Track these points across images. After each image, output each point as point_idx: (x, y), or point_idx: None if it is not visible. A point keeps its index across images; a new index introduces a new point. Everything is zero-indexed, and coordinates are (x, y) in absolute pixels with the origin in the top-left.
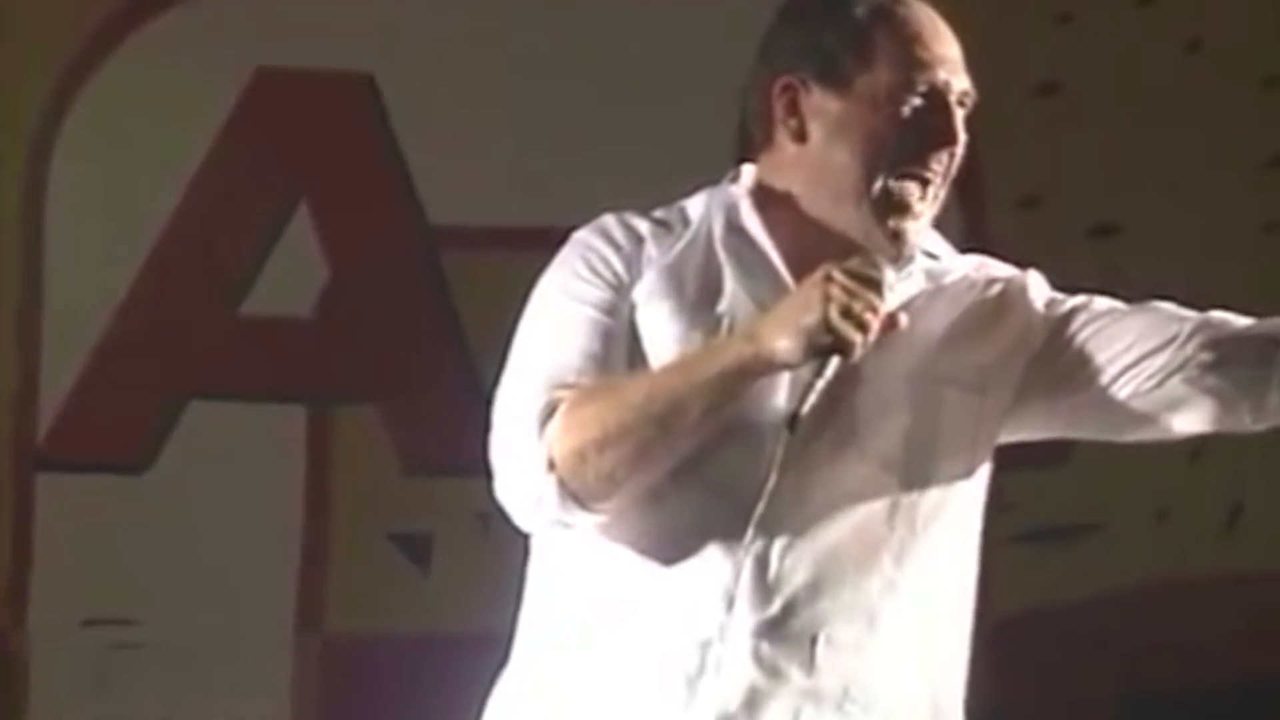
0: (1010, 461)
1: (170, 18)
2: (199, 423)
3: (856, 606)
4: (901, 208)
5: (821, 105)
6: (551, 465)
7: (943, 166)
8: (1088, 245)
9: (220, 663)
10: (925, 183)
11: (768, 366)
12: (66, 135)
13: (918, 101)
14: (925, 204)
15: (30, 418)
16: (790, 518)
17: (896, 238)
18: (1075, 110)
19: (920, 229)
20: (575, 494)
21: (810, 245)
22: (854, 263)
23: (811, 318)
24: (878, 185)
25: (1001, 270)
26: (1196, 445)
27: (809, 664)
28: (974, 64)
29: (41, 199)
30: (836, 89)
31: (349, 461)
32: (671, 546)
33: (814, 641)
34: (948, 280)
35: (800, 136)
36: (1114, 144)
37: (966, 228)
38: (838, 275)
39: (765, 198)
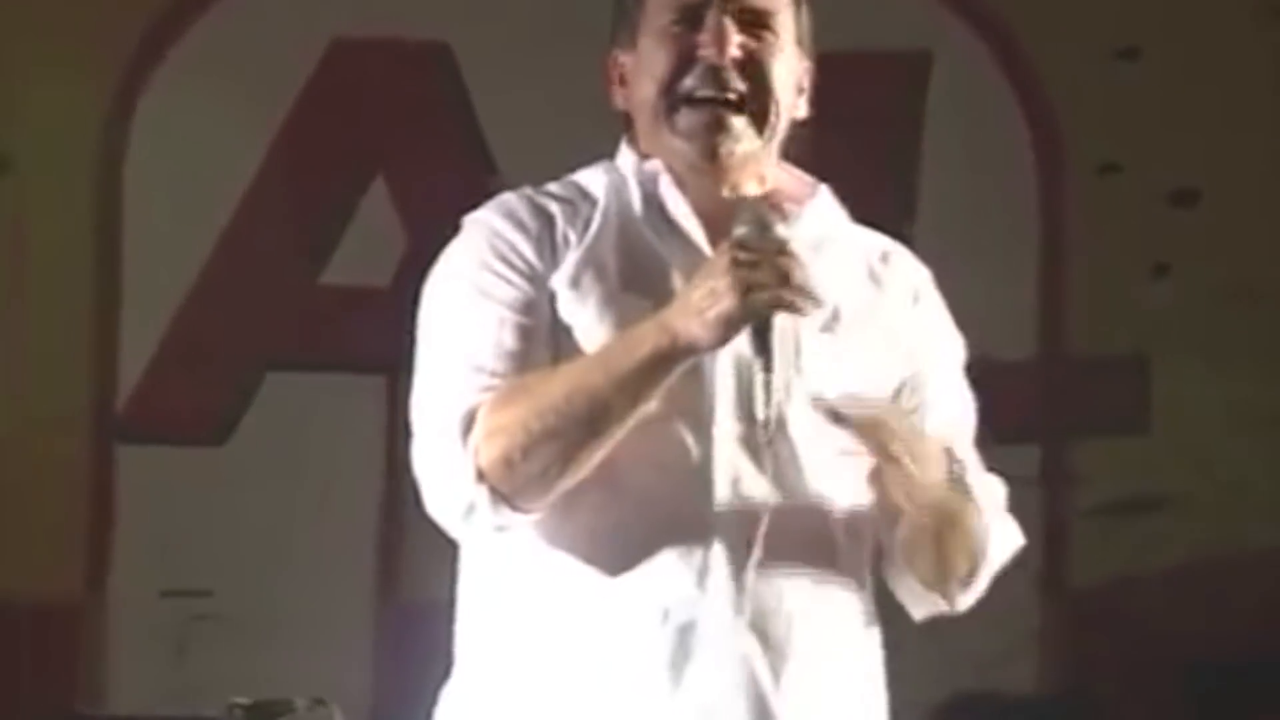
0: (1085, 431)
1: None
2: (277, 393)
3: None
4: (708, 128)
5: (630, 65)
6: (480, 475)
7: (725, 82)
8: (1168, 212)
9: (299, 633)
10: (716, 102)
11: (687, 354)
12: (143, 106)
13: (676, 27)
14: (740, 121)
15: (110, 389)
16: (753, 496)
17: (712, 157)
18: (1155, 75)
19: (747, 149)
20: (508, 498)
21: (722, 206)
22: (743, 232)
23: (722, 306)
24: (675, 113)
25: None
26: (1277, 413)
27: (787, 640)
28: (1053, 30)
29: (119, 170)
30: (633, 44)
31: None
32: (633, 537)
33: (789, 617)
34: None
35: (630, 101)
36: (1195, 109)
37: (1045, 194)
38: (735, 253)
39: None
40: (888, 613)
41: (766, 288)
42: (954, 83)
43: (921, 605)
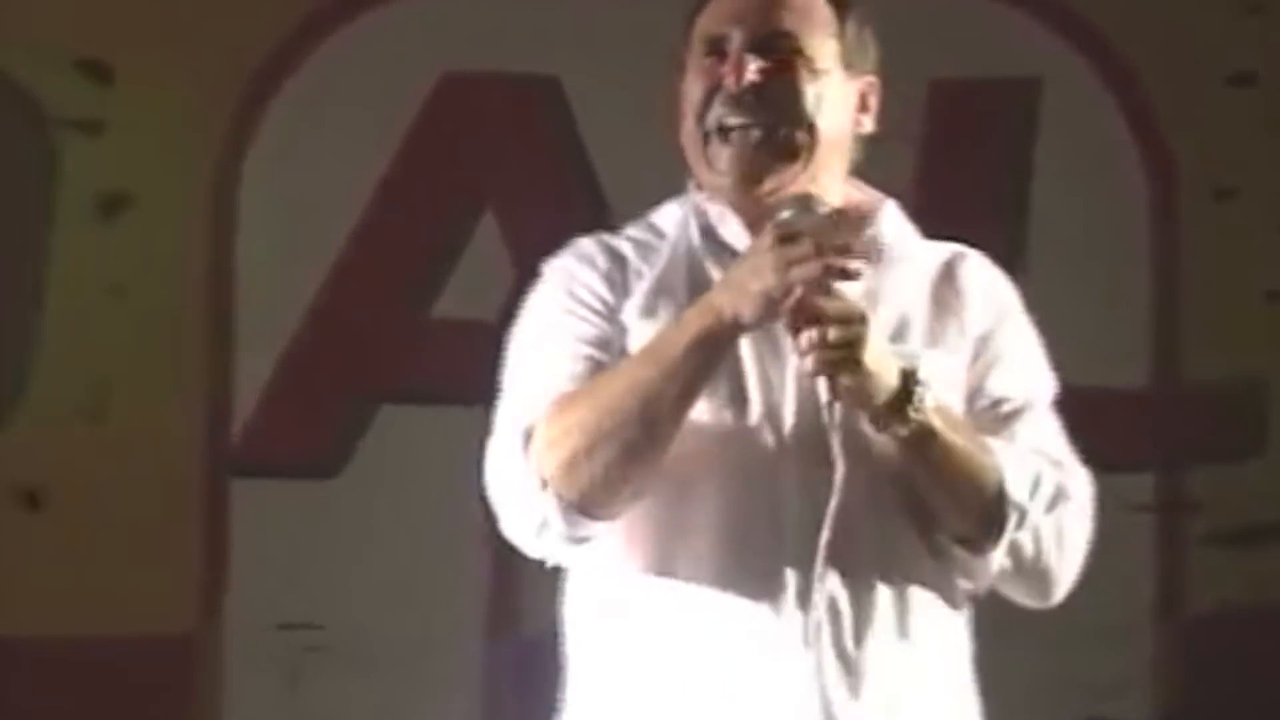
0: (1200, 457)
1: (358, 25)
2: (389, 426)
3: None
4: (736, 159)
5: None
6: (545, 483)
7: (744, 109)
8: None
9: (412, 666)
10: (741, 130)
11: (733, 332)
12: (256, 141)
13: (707, 59)
14: (764, 150)
15: (224, 424)
16: (823, 505)
17: (745, 189)
18: (1269, 101)
19: (780, 177)
20: (575, 504)
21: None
22: (787, 215)
23: (764, 280)
24: (708, 145)
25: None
26: None
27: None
28: (1165, 55)
29: (232, 205)
30: (680, 73)
31: None
32: (707, 553)
33: (863, 629)
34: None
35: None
36: None
37: (1157, 220)
38: (777, 231)
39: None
40: (1001, 639)
41: (806, 260)
42: (1065, 109)
43: (966, 571)
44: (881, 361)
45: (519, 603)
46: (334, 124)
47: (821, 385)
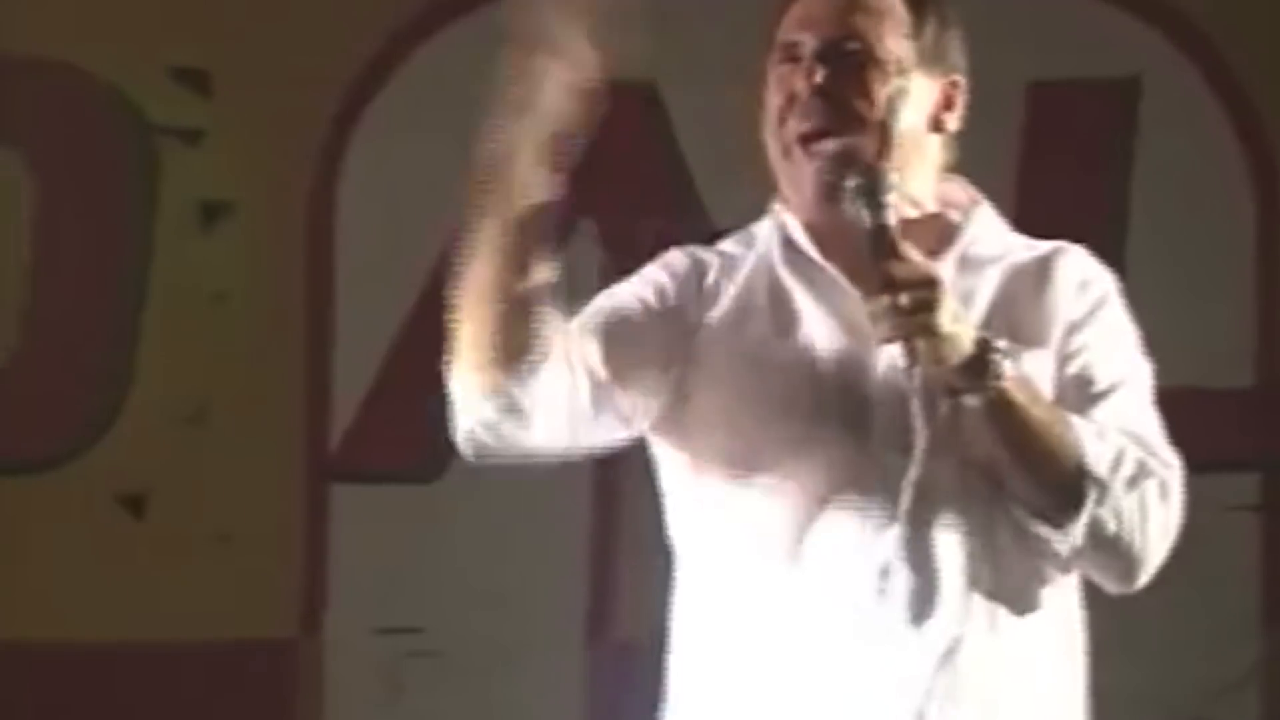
0: None
1: (453, 31)
2: None
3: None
4: (815, 174)
5: None
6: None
7: (811, 114)
8: None
9: (512, 670)
10: (821, 135)
11: None
12: (354, 147)
13: (782, 67)
14: (840, 151)
15: (323, 429)
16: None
17: (824, 203)
18: None
19: (873, 182)
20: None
21: (850, 242)
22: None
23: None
24: (787, 157)
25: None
26: None
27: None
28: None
29: (331, 211)
30: (764, 82)
31: (636, 467)
32: (814, 552)
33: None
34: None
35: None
36: None
37: (1260, 219)
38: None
39: None
40: (1105, 642)
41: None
42: (1165, 108)
43: (1050, 544)
44: (956, 325)
45: (618, 606)
46: (430, 130)
47: (899, 351)
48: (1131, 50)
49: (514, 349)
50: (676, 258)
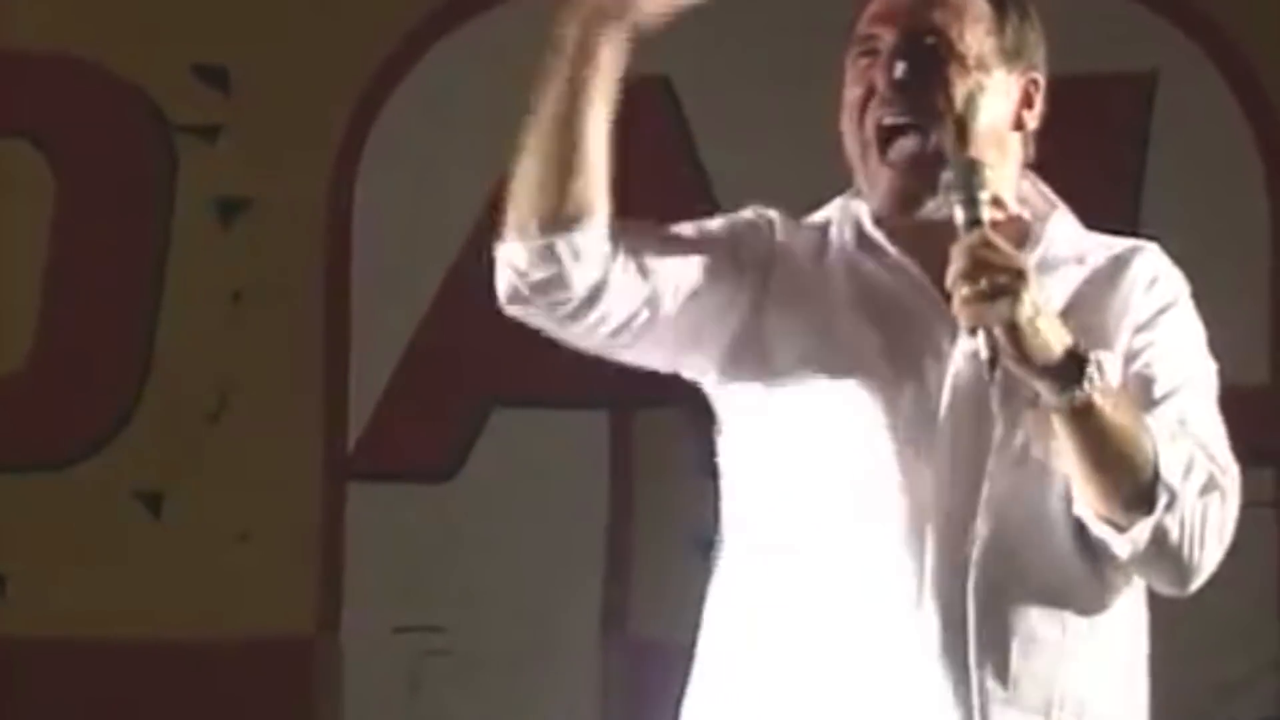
0: None
1: (471, 26)
2: (503, 430)
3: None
4: (894, 163)
5: None
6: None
7: (894, 108)
8: None
9: (529, 669)
10: (902, 130)
11: None
12: (372, 144)
13: (862, 60)
14: (918, 153)
15: (341, 427)
16: (971, 513)
17: (903, 210)
18: None
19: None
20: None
21: (927, 234)
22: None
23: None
24: (868, 158)
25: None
26: None
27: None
28: None
29: (349, 209)
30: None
31: (652, 465)
32: (853, 554)
33: (1010, 635)
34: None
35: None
36: None
37: (1276, 216)
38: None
39: None
40: None
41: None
42: (1181, 103)
43: (1111, 546)
44: (1042, 323)
45: (635, 605)
46: (449, 126)
47: (981, 341)
48: (1149, 45)
49: (566, 197)
50: (743, 212)
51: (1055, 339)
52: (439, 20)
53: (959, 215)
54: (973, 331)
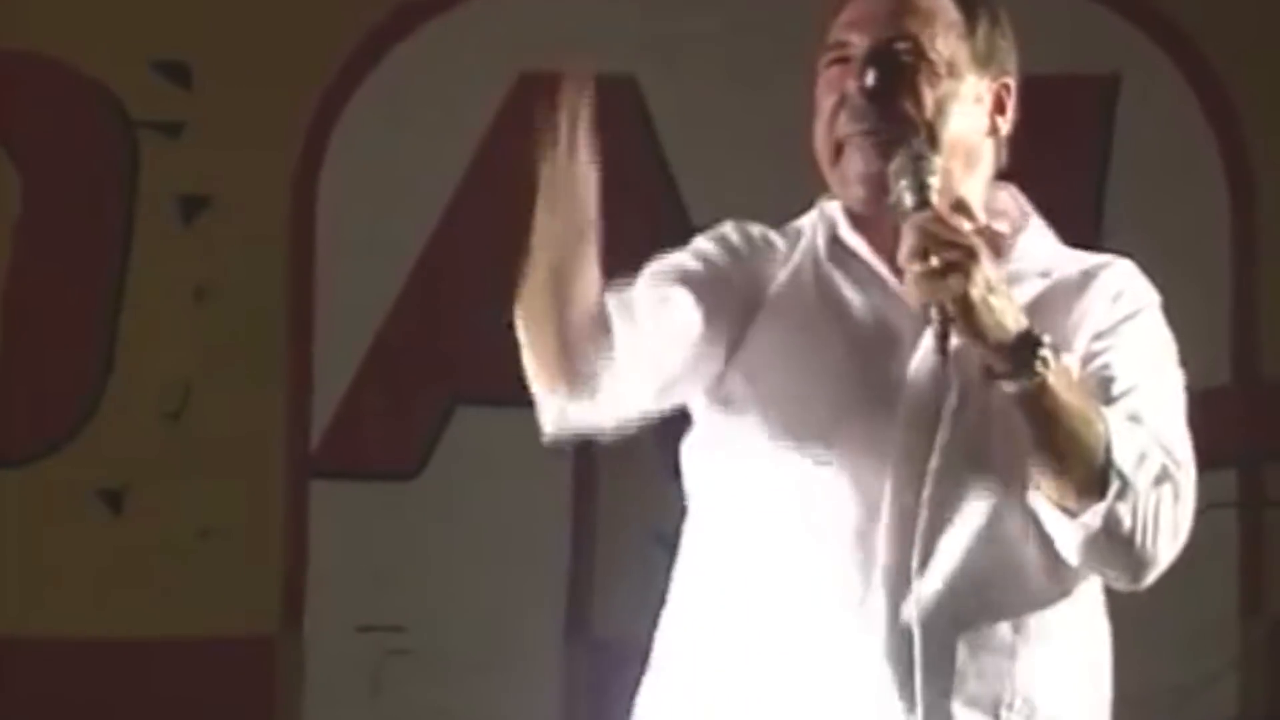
0: None
1: (435, 25)
2: (467, 428)
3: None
4: (862, 178)
5: None
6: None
7: (861, 115)
8: None
9: (491, 668)
10: (868, 134)
11: None
12: (335, 142)
13: (832, 67)
14: (878, 156)
15: (304, 425)
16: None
17: (872, 206)
18: None
19: (914, 179)
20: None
21: (896, 238)
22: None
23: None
24: (840, 156)
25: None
26: None
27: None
28: (1247, 51)
29: (313, 201)
30: (813, 81)
31: (615, 465)
32: (798, 548)
33: (957, 633)
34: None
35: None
36: None
37: (1237, 218)
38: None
39: None
40: None
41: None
42: (1143, 106)
43: (1063, 534)
44: (996, 302)
45: (597, 605)
46: (412, 125)
47: (934, 316)
48: (1111, 47)
49: (579, 364)
50: (740, 226)
51: (1009, 318)
52: (402, 19)
53: (907, 200)
54: (925, 308)
